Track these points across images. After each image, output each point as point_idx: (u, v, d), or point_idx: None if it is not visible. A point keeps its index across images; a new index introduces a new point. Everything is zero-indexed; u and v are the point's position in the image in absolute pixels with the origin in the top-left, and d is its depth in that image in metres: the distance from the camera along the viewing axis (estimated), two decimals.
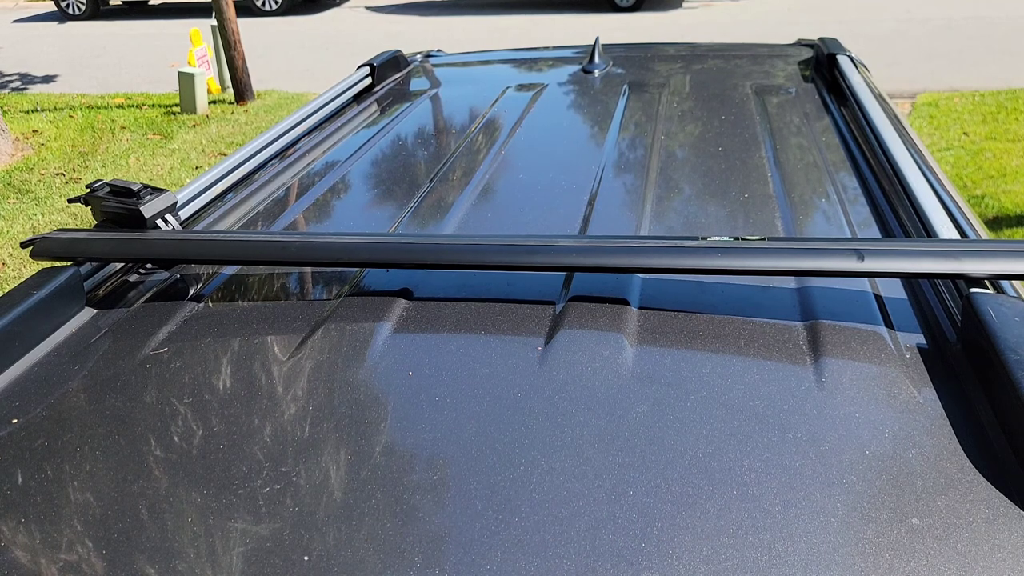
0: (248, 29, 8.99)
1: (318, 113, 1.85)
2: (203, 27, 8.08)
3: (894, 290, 1.00)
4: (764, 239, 0.97)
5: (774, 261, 0.93)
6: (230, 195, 1.48)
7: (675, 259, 0.95)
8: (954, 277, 0.91)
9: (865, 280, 1.01)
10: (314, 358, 0.94)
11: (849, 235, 1.15)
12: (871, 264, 0.90)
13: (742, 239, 0.98)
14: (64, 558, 0.69)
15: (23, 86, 9.14)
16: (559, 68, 2.29)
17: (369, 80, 2.13)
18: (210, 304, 1.09)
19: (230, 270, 1.18)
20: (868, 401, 0.80)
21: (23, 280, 1.08)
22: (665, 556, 0.64)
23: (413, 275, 1.10)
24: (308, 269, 1.17)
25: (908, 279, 1.02)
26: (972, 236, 1.13)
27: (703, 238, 0.99)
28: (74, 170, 6.06)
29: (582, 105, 1.91)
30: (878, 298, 0.98)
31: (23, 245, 1.16)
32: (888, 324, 0.93)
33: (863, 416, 0.78)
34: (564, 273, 1.07)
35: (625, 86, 1.97)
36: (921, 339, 0.90)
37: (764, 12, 10.48)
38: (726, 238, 0.99)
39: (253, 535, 0.69)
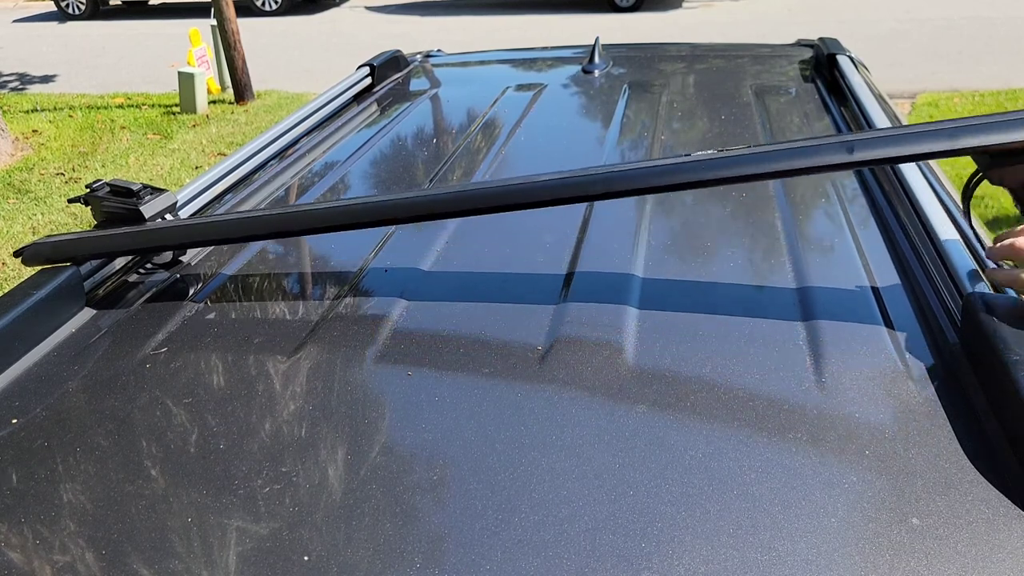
0: (248, 29, 8.98)
1: (318, 113, 1.85)
2: (203, 27, 8.07)
3: (894, 290, 1.00)
4: (748, 146, 0.95)
5: (757, 166, 0.92)
6: (230, 195, 1.48)
7: (668, 177, 0.93)
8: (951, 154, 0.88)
9: (865, 279, 1.02)
10: (314, 358, 0.94)
11: (849, 234, 1.15)
12: (859, 155, 0.89)
13: (726, 149, 0.95)
14: (64, 558, 0.69)
15: (23, 86, 9.13)
16: (559, 68, 2.28)
17: (369, 80, 2.13)
18: (210, 304, 1.09)
19: (230, 270, 1.18)
20: (868, 401, 0.80)
21: (23, 280, 1.08)
22: (665, 556, 0.64)
23: (413, 275, 1.11)
24: (308, 270, 1.17)
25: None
26: (971, 235, 1.14)
27: (686, 154, 0.97)
28: (74, 170, 6.06)
29: (582, 105, 1.91)
30: (878, 298, 0.98)
31: (16, 254, 1.16)
32: (888, 324, 0.93)
33: (863, 416, 0.78)
34: (564, 273, 1.07)
35: (625, 86, 1.97)
36: (921, 339, 0.90)
37: (764, 12, 10.48)
38: (711, 151, 0.95)
39: (253, 535, 0.69)
